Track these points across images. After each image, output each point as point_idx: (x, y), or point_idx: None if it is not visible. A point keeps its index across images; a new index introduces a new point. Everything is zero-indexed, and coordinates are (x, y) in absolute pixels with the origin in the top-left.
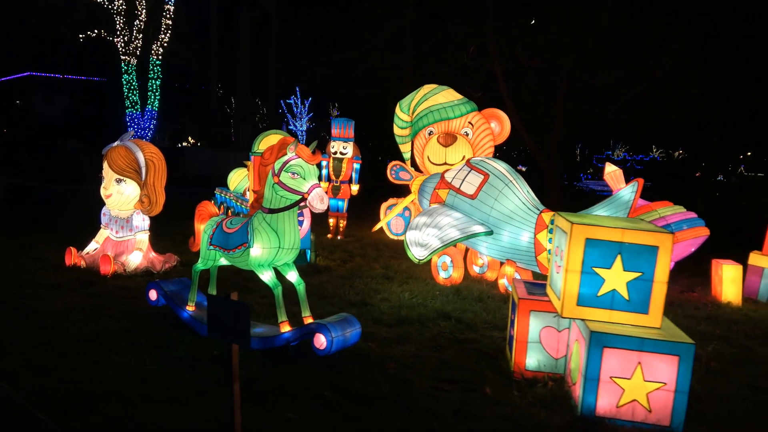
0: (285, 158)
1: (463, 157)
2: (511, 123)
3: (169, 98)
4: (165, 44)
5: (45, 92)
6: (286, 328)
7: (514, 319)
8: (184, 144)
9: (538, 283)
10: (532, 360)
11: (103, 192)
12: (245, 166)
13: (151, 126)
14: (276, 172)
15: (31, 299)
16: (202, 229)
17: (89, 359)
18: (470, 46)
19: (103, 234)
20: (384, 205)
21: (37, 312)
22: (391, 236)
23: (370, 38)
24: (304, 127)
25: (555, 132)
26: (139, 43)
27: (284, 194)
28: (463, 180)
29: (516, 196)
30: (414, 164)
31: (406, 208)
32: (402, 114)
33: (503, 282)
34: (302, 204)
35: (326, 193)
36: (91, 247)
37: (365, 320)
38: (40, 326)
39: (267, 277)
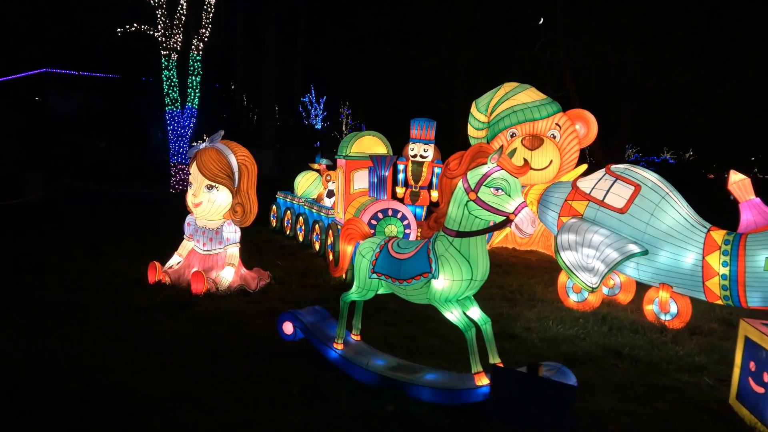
0: (483, 170)
1: (551, 161)
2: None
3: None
4: (205, 39)
5: (60, 89)
6: (483, 380)
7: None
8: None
9: None
10: None
11: (191, 200)
12: (312, 169)
13: (191, 124)
14: (472, 186)
15: (132, 327)
16: (349, 251)
17: (242, 418)
18: (538, 41)
19: (186, 246)
20: None
21: (147, 346)
22: None
23: (414, 35)
24: (319, 126)
25: (621, 133)
26: (179, 37)
27: (481, 214)
28: (608, 191)
29: (675, 210)
30: None
31: None
32: (479, 114)
33: (651, 308)
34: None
35: (404, 199)
36: (174, 260)
37: (522, 357)
38: (158, 366)
39: (455, 315)
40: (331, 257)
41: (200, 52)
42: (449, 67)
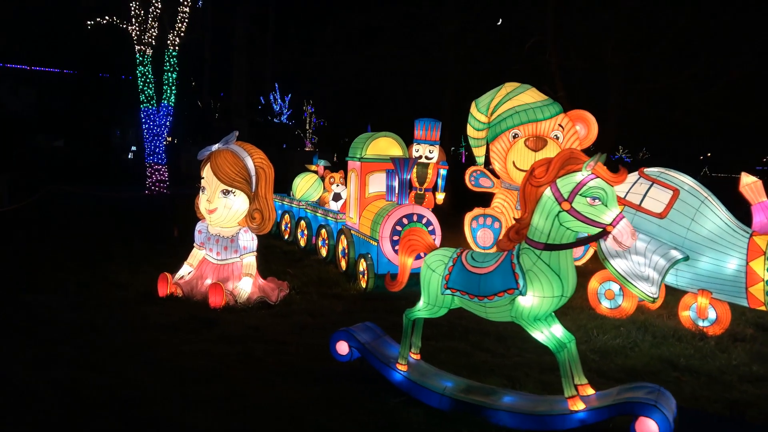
0: (577, 178)
1: None
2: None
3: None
4: (182, 34)
5: (11, 83)
6: (578, 405)
7: None
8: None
9: None
10: None
11: (205, 206)
12: (309, 171)
13: (167, 123)
14: (565, 196)
15: (159, 349)
16: (410, 263)
17: None
18: (528, 41)
19: (196, 255)
20: (469, 216)
21: (185, 371)
22: (479, 250)
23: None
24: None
25: (609, 135)
26: (154, 32)
27: (574, 225)
28: (645, 195)
29: (716, 215)
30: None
31: (496, 219)
32: (479, 114)
33: (688, 315)
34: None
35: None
36: (184, 270)
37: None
38: (207, 396)
39: (545, 335)
40: (344, 264)
41: (176, 48)
42: (437, 67)
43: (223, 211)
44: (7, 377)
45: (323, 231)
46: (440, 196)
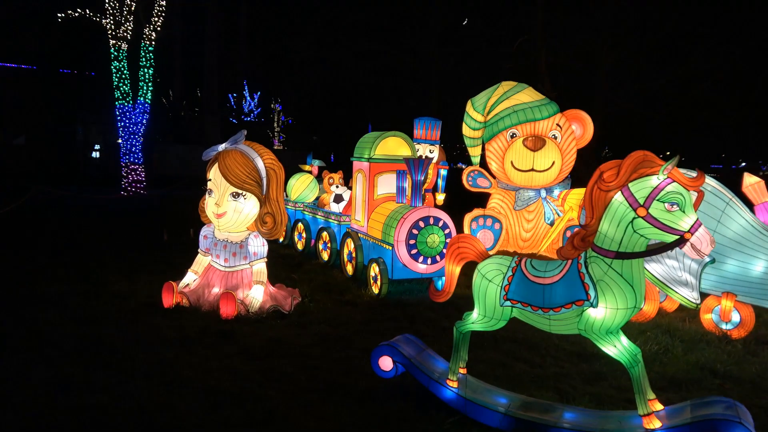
0: (652, 182)
1: (553, 163)
2: None
3: None
4: (158, 28)
5: None
6: (654, 423)
7: None
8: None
9: None
10: None
11: (213, 210)
12: (304, 171)
13: (144, 121)
14: (641, 201)
15: (180, 366)
16: (457, 272)
17: None
18: (517, 41)
19: (201, 262)
20: (468, 217)
21: (215, 392)
22: None
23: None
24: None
25: (595, 135)
26: (130, 26)
27: (650, 233)
28: None
29: (742, 217)
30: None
31: (496, 220)
32: (475, 113)
33: (710, 317)
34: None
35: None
36: (189, 278)
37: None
38: (246, 420)
39: (618, 349)
40: (350, 269)
41: (153, 42)
42: (423, 66)
43: (233, 215)
44: (17, 406)
45: (324, 234)
46: (440, 197)
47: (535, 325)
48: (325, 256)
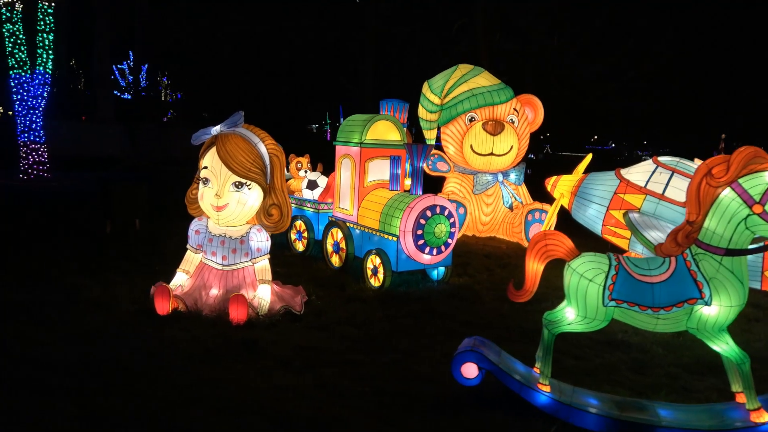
0: (767, 177)
1: (511, 147)
2: None
3: None
4: None
5: None
6: (763, 417)
7: None
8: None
9: None
10: None
11: (213, 201)
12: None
13: (44, 93)
14: (756, 198)
15: (219, 388)
16: (540, 270)
17: None
18: (455, 25)
19: (192, 260)
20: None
21: (272, 417)
22: None
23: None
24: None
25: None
26: None
27: (764, 230)
28: (667, 185)
29: None
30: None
31: (460, 205)
32: (432, 96)
33: None
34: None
35: None
36: (179, 279)
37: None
38: None
39: (729, 346)
40: (336, 260)
41: (51, 4)
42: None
43: (236, 207)
44: None
45: (298, 223)
46: (407, 182)
47: (637, 325)
48: (300, 246)
